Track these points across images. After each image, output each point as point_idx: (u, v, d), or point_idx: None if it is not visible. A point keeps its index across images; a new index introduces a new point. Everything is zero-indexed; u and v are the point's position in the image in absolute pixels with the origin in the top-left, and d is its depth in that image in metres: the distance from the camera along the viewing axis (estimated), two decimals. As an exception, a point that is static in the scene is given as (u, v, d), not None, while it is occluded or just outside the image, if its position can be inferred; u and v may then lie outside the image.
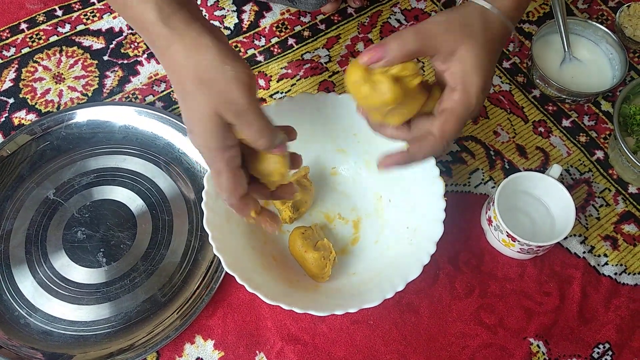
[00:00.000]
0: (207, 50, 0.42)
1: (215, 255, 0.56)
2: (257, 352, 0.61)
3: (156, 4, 0.43)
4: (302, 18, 0.81)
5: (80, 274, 0.63)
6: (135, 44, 0.78)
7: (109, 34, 0.78)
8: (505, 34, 0.48)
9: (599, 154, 0.73)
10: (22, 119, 0.72)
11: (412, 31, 0.45)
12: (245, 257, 0.59)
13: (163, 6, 0.43)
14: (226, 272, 0.56)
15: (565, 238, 0.64)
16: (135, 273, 0.63)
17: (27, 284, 0.63)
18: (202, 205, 0.58)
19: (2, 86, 0.74)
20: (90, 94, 0.74)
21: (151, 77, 0.76)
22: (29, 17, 0.79)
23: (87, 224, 0.66)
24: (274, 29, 0.80)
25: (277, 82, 0.76)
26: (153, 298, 0.62)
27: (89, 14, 0.80)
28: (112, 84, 0.75)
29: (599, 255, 0.67)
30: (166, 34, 0.43)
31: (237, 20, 0.80)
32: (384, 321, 0.62)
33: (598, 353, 0.62)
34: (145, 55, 0.77)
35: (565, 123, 0.75)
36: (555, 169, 0.65)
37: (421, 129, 0.49)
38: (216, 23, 0.80)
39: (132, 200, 0.67)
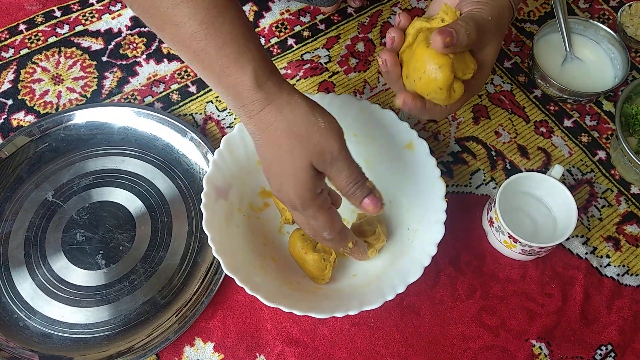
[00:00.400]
0: (299, 107, 0.46)
1: (214, 257, 0.56)
2: (257, 354, 0.60)
3: (253, 71, 0.45)
4: (301, 18, 0.81)
5: (79, 276, 0.63)
6: (134, 44, 0.78)
7: (108, 35, 0.78)
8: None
9: (601, 154, 0.72)
10: (21, 120, 0.72)
11: (472, 23, 0.46)
12: (245, 258, 0.59)
13: (259, 73, 0.46)
14: (226, 274, 0.56)
15: (567, 239, 0.64)
16: (134, 275, 0.63)
17: (26, 286, 0.62)
18: (202, 206, 0.58)
19: (0, 87, 0.74)
20: (89, 95, 0.74)
21: (150, 78, 0.75)
22: (28, 18, 0.79)
23: (86, 226, 0.65)
24: (274, 29, 0.80)
25: (277, 82, 0.75)
26: (152, 300, 0.62)
27: (87, 14, 0.80)
28: (111, 85, 0.75)
29: (601, 257, 0.67)
30: (261, 97, 0.46)
31: (236, 21, 0.80)
32: (385, 323, 0.62)
33: (600, 355, 0.62)
34: (144, 56, 0.77)
35: (567, 123, 0.74)
36: (557, 170, 0.64)
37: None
38: (215, 23, 0.79)
39: (131, 202, 0.67)
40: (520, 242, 0.61)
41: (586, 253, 0.66)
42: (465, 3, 0.49)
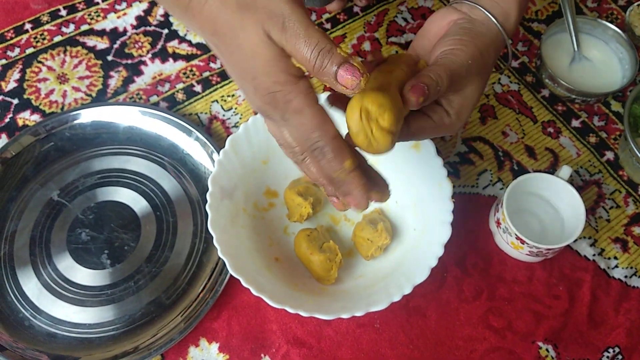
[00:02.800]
0: None
1: (219, 257, 0.56)
2: (262, 355, 0.60)
3: None
4: (307, 17, 0.80)
5: (84, 276, 0.63)
6: (140, 43, 0.78)
7: (113, 34, 0.78)
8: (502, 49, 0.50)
9: (609, 154, 0.72)
10: (27, 119, 0.72)
11: (445, 72, 0.44)
12: (250, 259, 0.59)
13: None
14: (231, 275, 0.55)
15: (575, 240, 0.64)
16: (139, 275, 0.63)
17: (31, 285, 0.62)
18: (207, 207, 0.58)
19: (6, 87, 0.74)
20: (94, 95, 0.74)
21: (155, 77, 0.75)
22: (34, 18, 0.79)
23: (91, 226, 0.65)
24: (279, 28, 0.79)
25: (283, 82, 0.75)
26: (157, 300, 0.62)
27: (93, 13, 0.79)
28: (116, 84, 0.75)
29: (609, 258, 0.66)
30: None
31: (242, 20, 0.79)
32: (391, 324, 0.62)
33: (608, 357, 0.61)
34: (149, 55, 0.77)
35: (575, 123, 0.74)
36: (565, 170, 0.64)
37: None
38: (221, 22, 0.79)
39: (136, 202, 0.66)
40: (527, 244, 0.60)
41: (594, 255, 0.66)
42: (445, 40, 0.47)
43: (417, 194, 0.63)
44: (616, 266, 0.66)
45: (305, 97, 0.39)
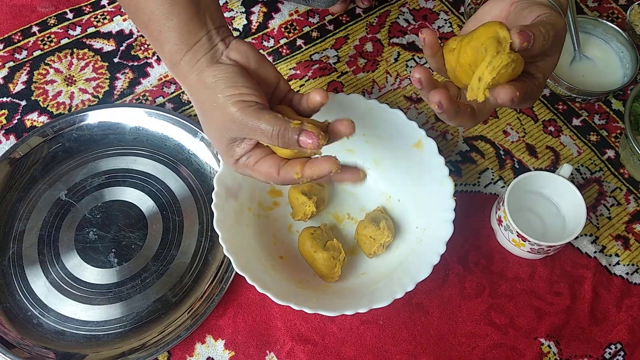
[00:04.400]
0: (204, 87, 0.47)
1: (225, 255, 0.56)
2: (268, 352, 0.61)
3: (169, 52, 0.48)
4: (310, 19, 0.81)
5: (92, 274, 0.64)
6: (145, 46, 0.79)
7: (119, 36, 0.79)
8: None
9: (610, 153, 0.72)
10: (34, 121, 0.73)
11: (552, 30, 0.44)
12: (255, 257, 0.60)
13: (173, 54, 0.48)
14: (236, 273, 0.56)
15: (576, 238, 0.64)
16: (146, 273, 0.64)
17: (39, 284, 0.63)
18: (212, 206, 0.58)
19: (14, 89, 0.75)
20: (101, 96, 0.75)
21: (161, 78, 0.76)
22: (41, 20, 0.80)
23: (98, 225, 0.66)
24: (283, 30, 0.80)
25: (286, 82, 0.76)
26: (164, 298, 0.63)
27: (99, 16, 0.81)
28: (122, 85, 0.76)
29: (610, 255, 0.67)
30: (177, 75, 0.49)
31: (245, 22, 0.80)
32: (394, 321, 0.62)
33: (610, 353, 0.62)
34: (155, 57, 0.78)
35: (576, 122, 0.74)
36: (566, 169, 0.64)
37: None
38: (225, 24, 0.80)
39: (142, 201, 0.67)
40: (529, 241, 0.61)
41: (595, 252, 0.66)
42: (533, 7, 0.46)
43: (419, 193, 0.63)
44: (617, 263, 0.66)
45: (245, 167, 0.49)
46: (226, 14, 0.81)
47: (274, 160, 0.48)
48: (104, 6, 0.81)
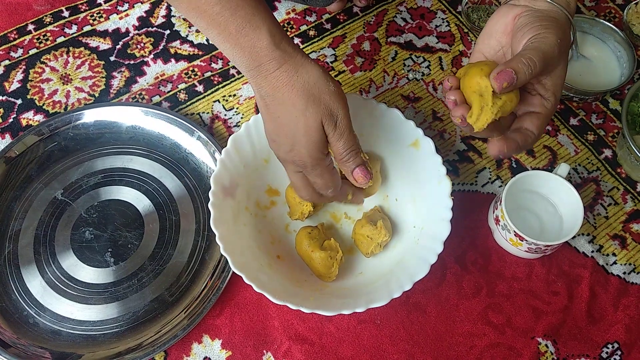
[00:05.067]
0: (314, 69, 0.49)
1: (222, 255, 0.56)
2: (265, 351, 0.61)
3: (269, 31, 0.47)
4: (307, 17, 0.81)
5: (88, 274, 0.64)
6: (142, 44, 0.78)
7: (116, 35, 0.79)
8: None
9: (607, 152, 0.72)
10: (30, 119, 0.73)
11: (537, 56, 0.46)
12: (252, 256, 0.59)
13: (275, 33, 0.48)
14: (233, 272, 0.56)
15: (574, 237, 0.64)
16: (142, 273, 0.64)
17: (35, 283, 0.63)
18: (209, 205, 0.58)
19: (10, 87, 0.75)
20: (97, 95, 0.75)
21: (157, 77, 0.76)
22: (36, 19, 0.79)
23: (94, 224, 0.66)
24: (280, 28, 0.80)
25: (283, 81, 0.76)
26: (160, 298, 0.63)
27: (95, 14, 0.80)
28: (118, 84, 0.75)
29: (608, 255, 0.67)
30: (278, 56, 0.48)
31: (243, 20, 0.80)
32: (391, 321, 0.62)
33: (607, 353, 0.62)
34: (151, 56, 0.77)
35: (573, 121, 0.74)
36: (563, 168, 0.64)
37: (516, 126, 0.51)
38: (222, 23, 0.80)
39: (139, 200, 0.67)
40: (526, 241, 0.61)
41: (592, 251, 0.66)
42: (526, 29, 0.48)
43: (417, 192, 0.63)
44: (615, 262, 0.66)
45: (327, 167, 0.52)
46: (223, 13, 0.81)
47: (339, 175, 0.55)
48: (100, 4, 0.81)
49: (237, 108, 0.74)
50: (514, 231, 0.61)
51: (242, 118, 0.73)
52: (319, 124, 0.48)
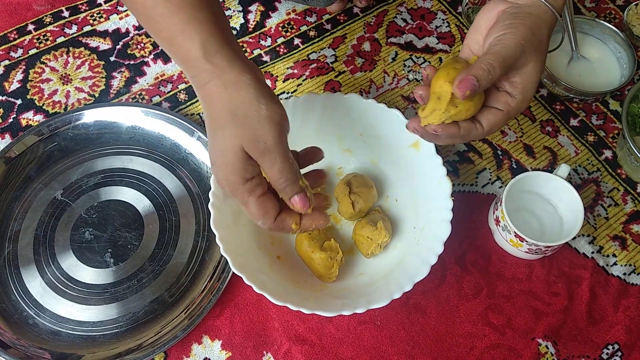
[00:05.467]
0: (245, 88, 0.44)
1: (222, 255, 0.56)
2: (265, 352, 0.61)
3: (202, 42, 0.45)
4: (308, 18, 0.81)
5: (88, 275, 0.63)
6: (142, 44, 0.78)
7: (116, 35, 0.79)
8: (554, 26, 0.51)
9: (607, 153, 0.72)
10: (30, 120, 0.73)
11: (497, 60, 0.46)
12: (253, 257, 0.59)
13: (207, 45, 0.45)
14: (233, 273, 0.56)
15: (574, 238, 0.64)
16: (142, 273, 0.63)
17: (35, 284, 0.63)
18: (209, 206, 0.58)
19: (9, 87, 0.75)
20: (97, 95, 0.75)
21: (157, 77, 0.76)
22: (36, 19, 0.79)
23: (94, 225, 0.66)
24: (280, 29, 0.80)
25: (283, 82, 0.76)
26: (160, 298, 0.62)
27: (95, 15, 0.80)
28: (118, 84, 0.75)
29: (608, 256, 0.67)
30: (208, 69, 0.45)
31: (243, 21, 0.80)
32: (392, 322, 0.62)
33: (607, 354, 0.62)
34: (151, 56, 0.77)
35: (573, 122, 0.74)
36: (563, 169, 0.64)
37: (467, 121, 0.50)
38: (222, 23, 0.80)
39: (139, 201, 0.67)
40: (526, 241, 0.61)
41: (592, 252, 0.66)
42: (494, 29, 0.49)
43: (417, 193, 0.63)
44: (615, 263, 0.66)
45: (250, 194, 0.46)
46: (223, 13, 0.81)
47: (276, 203, 0.48)
48: (100, 4, 0.81)
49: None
50: (514, 232, 0.61)
51: (242, 118, 0.73)
52: (236, 148, 0.44)
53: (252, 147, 0.44)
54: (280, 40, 0.79)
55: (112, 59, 0.77)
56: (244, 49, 0.78)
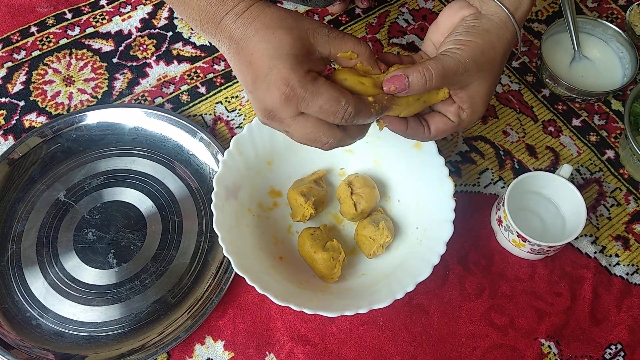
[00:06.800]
0: (283, 7, 0.46)
1: (224, 256, 0.56)
2: (267, 352, 0.61)
3: None
4: (310, 19, 0.81)
5: (90, 275, 0.64)
6: (144, 46, 0.78)
7: (118, 37, 0.79)
8: (514, 41, 0.51)
9: (610, 153, 0.72)
10: (33, 121, 0.73)
11: (437, 70, 0.46)
12: (255, 258, 0.59)
13: None
14: (236, 273, 0.56)
15: (576, 238, 0.64)
16: (145, 274, 0.64)
17: (38, 285, 0.63)
18: (212, 206, 0.58)
19: (12, 89, 0.75)
20: (99, 96, 0.75)
21: (160, 79, 0.76)
22: (39, 20, 0.80)
23: (97, 226, 0.66)
24: (282, 30, 0.80)
25: (286, 83, 0.76)
26: (163, 299, 0.63)
27: (98, 16, 0.80)
28: (121, 86, 0.76)
29: (610, 256, 0.66)
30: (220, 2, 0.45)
31: (245, 22, 0.80)
32: (394, 322, 0.62)
33: (610, 354, 0.62)
34: (154, 58, 0.78)
35: (576, 122, 0.74)
36: (566, 169, 0.64)
37: (417, 121, 0.51)
38: (224, 25, 0.80)
39: (141, 202, 0.67)
40: (529, 242, 0.61)
41: (595, 252, 0.66)
42: (448, 40, 0.49)
43: (419, 193, 0.63)
44: (617, 263, 0.66)
45: (322, 85, 0.44)
46: (225, 14, 0.81)
47: (341, 88, 0.45)
48: (102, 6, 0.81)
49: (239, 109, 0.74)
50: (517, 232, 0.61)
51: (244, 119, 0.73)
52: (296, 37, 0.44)
53: (317, 34, 0.45)
54: (282, 41, 0.79)
55: (115, 60, 0.77)
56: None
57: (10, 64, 0.77)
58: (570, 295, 0.64)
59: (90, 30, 0.79)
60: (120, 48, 0.78)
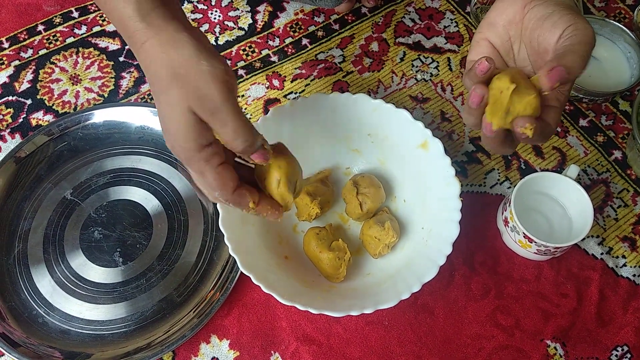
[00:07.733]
0: (184, 45, 0.42)
1: (230, 255, 0.56)
2: (272, 352, 0.61)
3: (137, 0, 0.43)
4: (315, 18, 0.81)
5: (97, 274, 0.64)
6: (151, 45, 0.78)
7: (125, 35, 0.79)
8: None
9: (617, 154, 0.72)
10: (40, 119, 0.73)
11: (581, 42, 0.42)
12: (261, 257, 0.59)
13: (142, 2, 0.43)
14: (241, 272, 0.56)
15: (583, 239, 0.64)
16: (151, 273, 0.64)
17: (44, 283, 0.63)
18: (218, 205, 0.58)
19: (20, 87, 0.75)
20: (106, 95, 0.75)
21: (166, 77, 0.76)
22: (46, 19, 0.80)
23: (103, 224, 0.66)
24: (288, 29, 0.80)
25: (291, 82, 0.76)
26: (169, 298, 0.63)
27: (104, 15, 0.81)
28: (127, 84, 0.76)
29: (617, 257, 0.66)
30: (143, 28, 0.43)
31: (251, 21, 0.80)
32: (399, 322, 0.62)
33: (616, 356, 0.61)
34: (160, 56, 0.78)
35: (583, 123, 0.74)
36: (573, 170, 0.64)
37: None
38: (230, 24, 0.80)
39: (148, 201, 0.67)
40: (535, 242, 0.61)
41: (602, 253, 0.66)
42: (556, 18, 0.44)
43: (425, 193, 0.63)
44: (624, 265, 0.66)
45: (206, 163, 0.43)
46: (231, 13, 0.81)
47: (235, 175, 0.45)
48: (109, 5, 0.81)
49: (245, 109, 0.74)
50: (523, 233, 0.61)
51: (250, 119, 0.73)
52: (184, 110, 0.41)
53: (200, 106, 0.41)
54: (288, 41, 0.79)
55: (121, 59, 0.77)
56: (252, 49, 0.78)
57: (17, 62, 0.77)
58: (576, 296, 0.64)
59: (97, 29, 0.80)
60: (127, 47, 0.78)
